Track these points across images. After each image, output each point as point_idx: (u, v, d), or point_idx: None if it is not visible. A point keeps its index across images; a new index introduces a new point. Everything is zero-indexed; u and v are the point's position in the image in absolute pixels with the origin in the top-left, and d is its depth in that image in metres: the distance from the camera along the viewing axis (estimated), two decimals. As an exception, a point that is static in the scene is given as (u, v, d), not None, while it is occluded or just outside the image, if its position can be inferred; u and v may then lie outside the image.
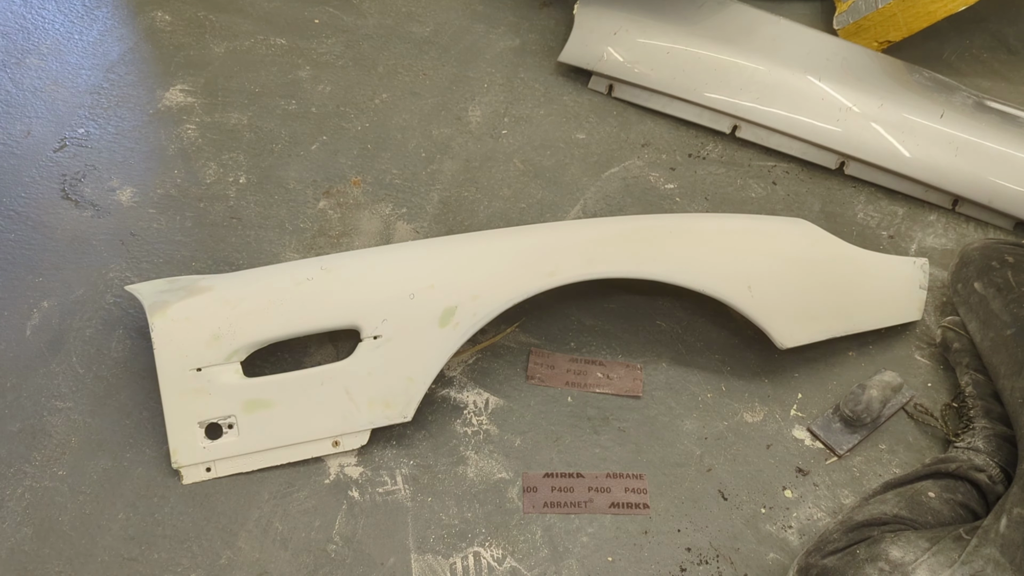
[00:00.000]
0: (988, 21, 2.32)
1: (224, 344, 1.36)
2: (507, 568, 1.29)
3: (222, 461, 1.35)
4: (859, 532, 1.19)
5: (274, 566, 1.27)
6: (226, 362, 1.35)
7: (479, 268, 1.45)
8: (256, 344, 1.38)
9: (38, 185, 1.74)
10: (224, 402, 1.35)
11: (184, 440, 1.34)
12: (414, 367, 1.37)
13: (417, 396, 1.37)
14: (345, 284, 1.43)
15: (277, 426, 1.35)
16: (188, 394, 1.34)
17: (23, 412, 1.41)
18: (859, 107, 1.89)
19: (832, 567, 1.15)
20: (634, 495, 1.38)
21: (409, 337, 1.38)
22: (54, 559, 1.26)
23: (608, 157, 1.90)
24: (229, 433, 1.35)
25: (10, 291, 1.56)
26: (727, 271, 1.46)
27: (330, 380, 1.37)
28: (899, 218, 1.83)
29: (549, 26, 2.19)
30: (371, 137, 1.90)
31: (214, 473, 1.35)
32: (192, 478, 1.34)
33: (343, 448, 1.37)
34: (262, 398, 1.35)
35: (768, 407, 1.50)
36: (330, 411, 1.36)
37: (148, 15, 2.12)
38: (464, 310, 1.38)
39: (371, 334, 1.37)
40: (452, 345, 1.37)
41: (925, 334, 1.61)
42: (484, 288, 1.40)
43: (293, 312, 1.39)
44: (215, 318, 1.37)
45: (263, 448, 1.35)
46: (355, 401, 1.36)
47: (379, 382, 1.37)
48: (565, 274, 1.41)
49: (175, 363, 1.35)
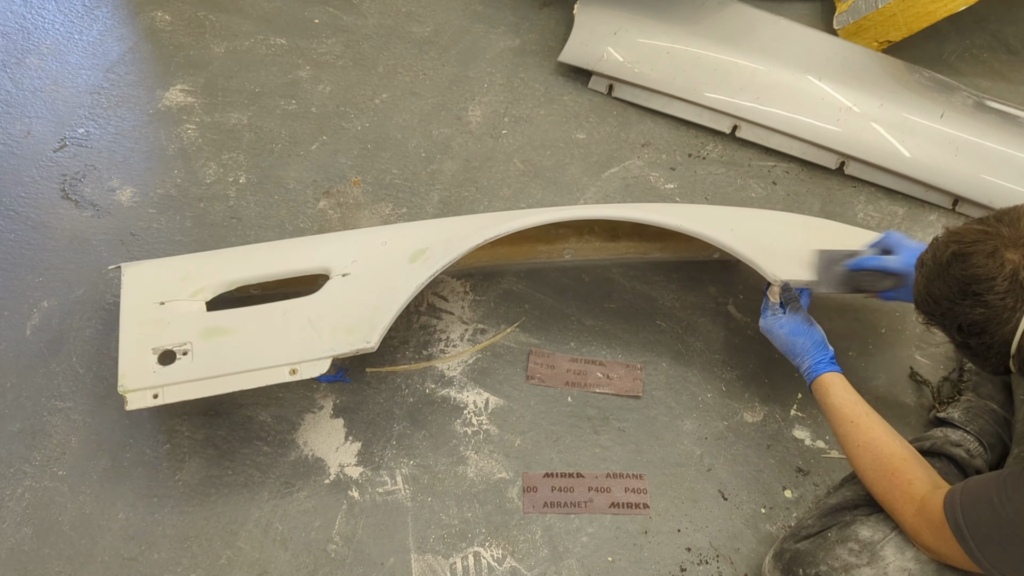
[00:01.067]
0: (988, 21, 2.32)
1: (192, 282, 1.36)
2: (507, 568, 1.29)
3: (171, 387, 1.26)
4: (833, 517, 1.19)
5: (274, 566, 1.27)
6: (190, 298, 1.34)
7: (453, 226, 1.45)
8: (224, 284, 1.36)
9: (38, 185, 1.74)
10: (182, 330, 1.31)
11: (135, 365, 1.28)
12: (381, 296, 1.33)
13: (382, 323, 1.30)
14: (319, 238, 1.47)
15: (233, 353, 1.29)
16: (147, 324, 1.31)
17: (23, 412, 1.41)
18: (859, 107, 1.89)
19: (805, 550, 1.16)
20: (634, 495, 1.38)
21: (378, 273, 1.36)
22: (54, 559, 1.26)
23: (608, 157, 1.90)
24: (183, 359, 1.29)
25: (10, 291, 1.56)
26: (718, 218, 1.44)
27: (294, 311, 1.34)
28: (899, 218, 1.83)
29: (549, 26, 2.19)
30: (371, 137, 1.90)
31: (161, 399, 1.25)
32: (137, 404, 1.25)
33: (300, 376, 1.27)
34: (221, 326, 1.32)
35: (768, 407, 1.50)
36: (290, 339, 1.30)
37: (148, 15, 2.12)
38: (435, 250, 1.36)
39: (340, 273, 1.36)
40: (421, 277, 1.33)
41: (925, 334, 1.61)
42: (457, 233, 1.39)
43: (265, 257, 1.40)
44: (187, 265, 1.39)
45: (215, 374, 1.27)
46: (317, 329, 1.31)
47: (344, 312, 1.33)
48: (550, 215, 1.39)
49: (139, 299, 1.34)
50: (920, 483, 1.11)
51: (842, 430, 1.21)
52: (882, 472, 1.15)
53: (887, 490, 1.14)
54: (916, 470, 1.13)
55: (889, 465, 1.14)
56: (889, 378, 1.55)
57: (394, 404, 1.46)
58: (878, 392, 1.52)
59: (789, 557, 1.17)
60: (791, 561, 1.16)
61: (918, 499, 1.09)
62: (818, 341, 1.31)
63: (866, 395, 1.50)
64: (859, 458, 1.18)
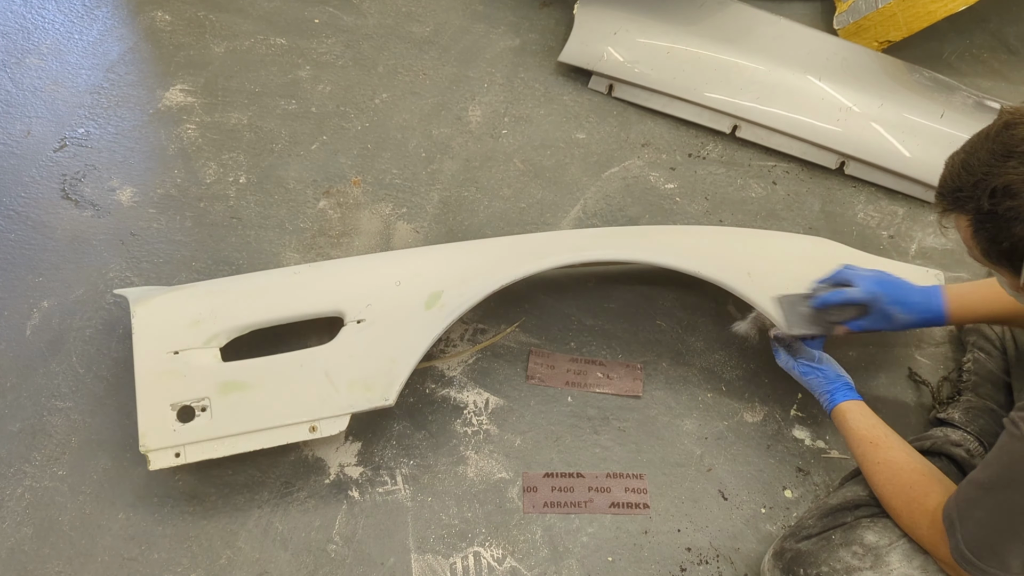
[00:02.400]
0: (988, 21, 2.32)
1: (204, 328, 1.33)
2: (507, 568, 1.29)
3: (192, 446, 1.27)
4: (833, 517, 1.19)
5: (274, 566, 1.27)
6: (204, 346, 1.32)
7: (468, 260, 1.43)
8: (237, 329, 1.34)
9: (38, 185, 1.74)
10: (199, 384, 1.30)
11: (155, 423, 1.27)
12: (397, 348, 1.32)
13: (400, 377, 1.31)
14: (331, 275, 1.42)
15: (252, 409, 1.29)
16: (163, 376, 1.30)
17: (23, 412, 1.41)
18: (859, 107, 1.89)
19: (807, 551, 1.15)
20: (634, 495, 1.38)
21: (393, 320, 1.34)
22: (54, 559, 1.26)
23: (608, 157, 1.90)
24: (202, 416, 1.29)
25: (10, 291, 1.56)
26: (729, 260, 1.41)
27: (310, 363, 1.33)
28: (899, 218, 1.83)
29: (549, 26, 2.19)
30: (371, 137, 1.89)
31: (183, 459, 1.26)
32: (159, 464, 1.26)
33: (321, 434, 1.28)
34: (238, 380, 1.31)
35: (768, 407, 1.50)
36: (308, 394, 1.30)
37: (148, 15, 2.12)
38: (451, 293, 1.35)
39: (355, 319, 1.34)
40: (438, 326, 1.32)
41: (926, 333, 1.61)
42: (472, 274, 1.37)
43: (277, 299, 1.37)
44: (198, 306, 1.36)
45: (236, 432, 1.28)
46: (334, 384, 1.31)
47: (360, 364, 1.32)
48: (557, 258, 1.38)
49: (152, 346, 1.32)
50: (936, 495, 1.09)
51: (860, 451, 1.21)
52: (899, 487, 1.13)
53: (904, 504, 1.12)
54: (933, 484, 1.11)
55: (908, 480, 1.13)
56: (889, 378, 1.55)
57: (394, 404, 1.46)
58: (878, 392, 1.52)
59: (790, 557, 1.17)
60: (792, 561, 1.16)
61: (931, 511, 1.08)
62: (830, 375, 1.32)
63: (866, 395, 1.50)
64: (877, 475, 1.17)
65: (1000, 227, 0.92)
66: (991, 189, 0.91)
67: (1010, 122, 0.93)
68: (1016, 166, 0.90)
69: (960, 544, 1.01)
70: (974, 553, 1.00)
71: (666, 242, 1.49)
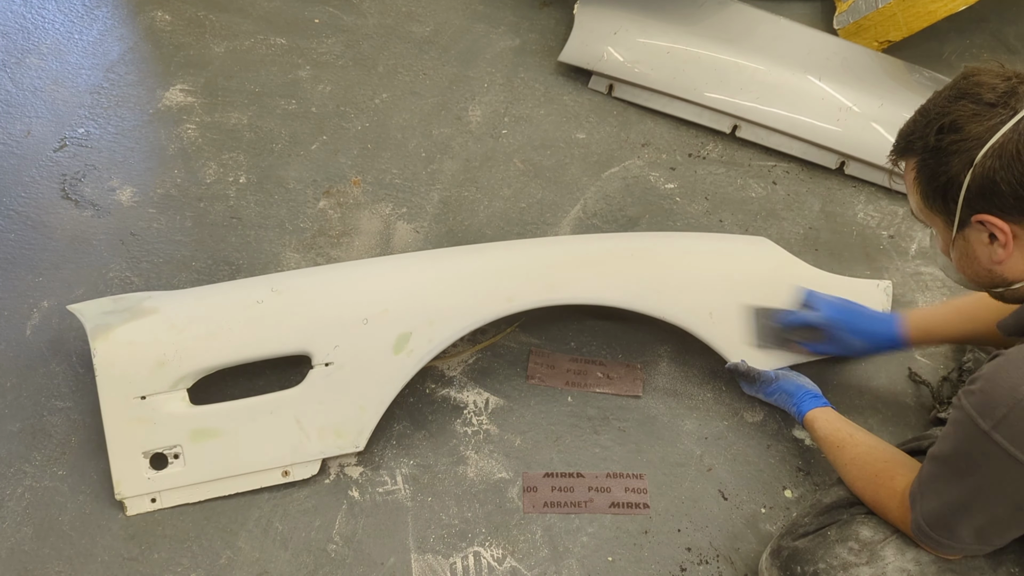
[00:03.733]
0: (988, 21, 2.32)
1: (170, 371, 1.31)
2: (507, 568, 1.29)
3: (167, 492, 1.30)
4: (829, 515, 1.20)
5: (274, 566, 1.27)
6: (172, 390, 1.31)
7: (435, 292, 1.40)
8: (203, 371, 1.33)
9: (38, 185, 1.74)
10: (170, 432, 1.30)
11: (128, 471, 1.29)
12: (367, 396, 1.34)
13: (370, 425, 1.34)
14: (296, 307, 1.38)
15: (224, 456, 1.31)
16: (132, 423, 1.30)
17: (23, 412, 1.41)
18: (859, 107, 1.89)
19: (803, 548, 1.16)
20: (634, 495, 1.38)
21: (362, 364, 1.34)
22: (54, 559, 1.26)
23: (608, 157, 1.90)
24: (175, 463, 1.30)
25: (10, 291, 1.56)
26: (689, 298, 1.44)
27: (280, 409, 1.33)
28: (899, 218, 1.83)
29: (549, 26, 2.19)
30: (371, 137, 1.90)
31: (159, 504, 1.30)
32: (136, 509, 1.30)
33: (293, 478, 1.33)
34: (209, 427, 1.31)
35: (768, 407, 1.50)
36: (279, 441, 1.32)
37: (148, 15, 2.12)
38: (419, 336, 1.35)
39: (322, 361, 1.33)
40: (406, 373, 1.34)
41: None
42: (440, 314, 1.36)
43: (242, 338, 1.34)
44: (160, 343, 1.32)
45: (210, 479, 1.31)
46: (305, 431, 1.33)
47: (330, 411, 1.33)
48: (524, 299, 1.38)
49: (118, 391, 1.30)
50: (902, 477, 1.12)
51: (832, 455, 1.25)
52: (869, 478, 1.16)
53: (875, 493, 1.15)
54: (898, 467, 1.14)
55: (873, 469, 1.16)
56: (889, 378, 1.55)
57: (394, 404, 1.45)
58: (878, 392, 1.52)
59: (787, 555, 1.17)
60: (789, 559, 1.16)
61: (900, 492, 1.11)
62: (790, 388, 1.38)
63: (866, 396, 1.51)
64: (849, 474, 1.20)
65: (941, 161, 0.94)
66: (939, 126, 0.93)
67: (968, 72, 0.95)
68: (966, 104, 0.92)
69: (918, 517, 1.05)
70: (929, 524, 1.03)
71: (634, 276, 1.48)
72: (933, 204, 0.98)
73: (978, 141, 0.89)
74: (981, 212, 0.92)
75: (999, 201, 0.90)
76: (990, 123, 0.89)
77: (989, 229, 0.93)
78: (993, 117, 0.89)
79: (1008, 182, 0.88)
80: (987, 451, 0.92)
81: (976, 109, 0.90)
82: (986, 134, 0.89)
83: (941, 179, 0.94)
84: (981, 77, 0.93)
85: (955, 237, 0.98)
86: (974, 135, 0.90)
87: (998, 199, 0.90)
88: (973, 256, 0.98)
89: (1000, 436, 0.89)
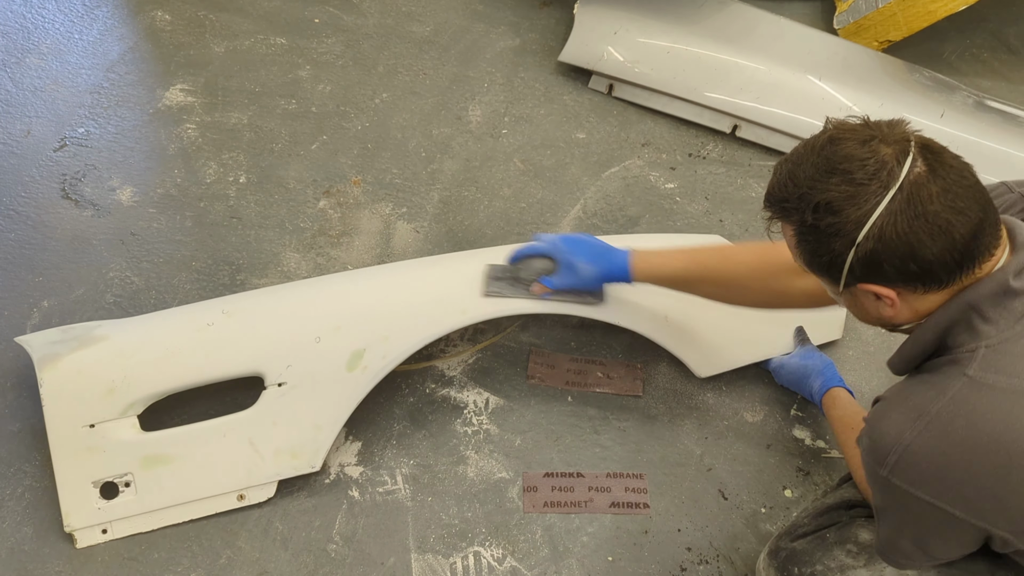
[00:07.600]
0: (988, 21, 2.32)
1: (119, 397, 1.28)
2: (507, 568, 1.29)
3: (119, 522, 1.27)
4: (828, 516, 1.20)
5: (274, 566, 1.27)
6: (121, 416, 1.28)
7: (388, 307, 1.37)
8: (153, 396, 1.30)
9: (38, 185, 1.74)
10: (120, 459, 1.27)
11: (77, 502, 1.26)
12: (321, 415, 1.31)
13: (325, 444, 1.31)
14: (247, 329, 1.35)
15: (177, 482, 1.28)
16: (81, 453, 1.27)
17: (23, 412, 1.41)
18: (859, 107, 1.89)
19: (801, 550, 1.16)
20: (634, 495, 1.38)
21: (315, 383, 1.31)
22: (54, 559, 1.26)
23: (608, 157, 1.90)
24: (126, 492, 1.27)
25: (10, 291, 1.56)
26: (643, 302, 1.41)
27: (233, 431, 1.30)
28: (899, 218, 1.83)
29: (549, 26, 2.19)
30: (371, 137, 1.90)
31: (111, 535, 1.27)
32: (87, 541, 1.26)
33: (249, 502, 1.30)
34: (160, 453, 1.28)
35: (768, 407, 1.50)
36: (234, 464, 1.29)
37: (148, 15, 2.12)
38: (373, 352, 1.32)
39: (275, 381, 1.31)
40: (361, 390, 1.31)
41: (925, 334, 1.61)
42: (394, 329, 1.34)
43: (192, 361, 1.32)
44: (109, 370, 1.29)
45: (162, 506, 1.28)
46: (260, 452, 1.30)
47: (285, 431, 1.31)
48: (478, 311, 1.35)
49: (66, 420, 1.27)
50: None
51: (843, 437, 1.27)
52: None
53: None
54: None
55: None
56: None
57: (394, 404, 1.46)
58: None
59: (785, 556, 1.17)
60: (787, 560, 1.16)
61: None
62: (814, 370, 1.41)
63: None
64: (854, 458, 1.20)
65: (821, 241, 0.93)
66: (814, 204, 0.92)
67: (834, 137, 0.93)
68: (838, 183, 0.90)
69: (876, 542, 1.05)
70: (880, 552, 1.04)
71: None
72: (818, 270, 0.99)
73: (857, 224, 0.89)
74: (865, 283, 0.93)
75: (883, 274, 0.91)
76: (866, 205, 0.89)
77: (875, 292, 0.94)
78: (868, 198, 0.88)
79: (890, 261, 0.89)
80: (891, 491, 0.93)
81: (850, 191, 0.89)
82: (863, 217, 0.89)
83: (824, 257, 0.94)
84: (847, 148, 0.91)
85: (842, 292, 0.98)
86: (853, 219, 0.89)
87: (881, 275, 0.91)
88: (861, 307, 1.00)
89: (898, 480, 0.91)
